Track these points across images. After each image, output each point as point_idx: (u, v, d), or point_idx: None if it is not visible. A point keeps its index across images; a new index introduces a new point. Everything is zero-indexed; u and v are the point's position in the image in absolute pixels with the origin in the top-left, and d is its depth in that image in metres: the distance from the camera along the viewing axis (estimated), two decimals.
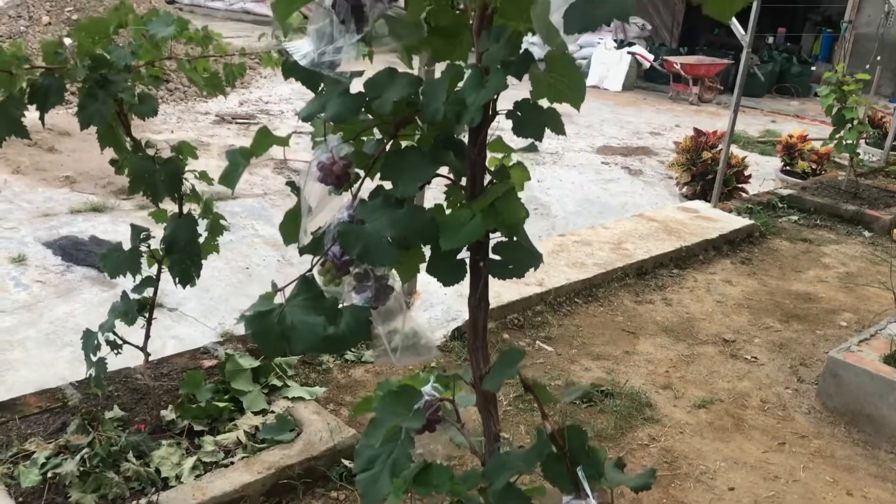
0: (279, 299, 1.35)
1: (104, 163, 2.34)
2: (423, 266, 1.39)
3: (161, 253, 2.44)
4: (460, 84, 1.28)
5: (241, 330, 4.06)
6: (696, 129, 5.95)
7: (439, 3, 1.40)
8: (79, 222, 5.17)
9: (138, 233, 2.42)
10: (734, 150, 8.50)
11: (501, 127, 1.37)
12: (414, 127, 1.42)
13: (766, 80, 11.74)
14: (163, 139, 8.02)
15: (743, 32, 4.52)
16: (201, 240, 2.48)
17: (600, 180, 7.22)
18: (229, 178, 1.50)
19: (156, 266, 2.47)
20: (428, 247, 1.34)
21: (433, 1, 1.40)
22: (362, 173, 1.42)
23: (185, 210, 2.47)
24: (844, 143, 5.21)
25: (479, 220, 1.28)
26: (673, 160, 6.05)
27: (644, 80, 12.00)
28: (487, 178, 1.46)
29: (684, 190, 5.90)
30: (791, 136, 6.61)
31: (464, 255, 1.35)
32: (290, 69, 1.45)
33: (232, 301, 4.34)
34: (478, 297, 1.38)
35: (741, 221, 4.74)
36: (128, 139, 2.37)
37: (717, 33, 13.02)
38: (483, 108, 1.23)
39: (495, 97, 1.25)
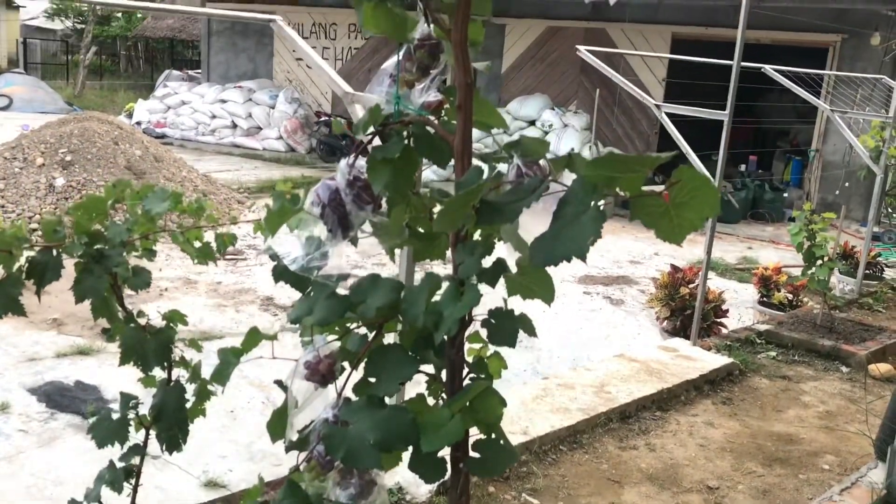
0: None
1: None
2: None
3: (149, 419, 2.48)
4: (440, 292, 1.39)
5: (225, 479, 4.04)
6: (672, 266, 6.12)
7: (419, 213, 1.52)
8: (64, 366, 5.18)
9: (127, 401, 2.47)
10: (713, 277, 8.68)
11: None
12: (396, 321, 1.51)
13: (740, 207, 12.09)
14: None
15: (712, 180, 4.74)
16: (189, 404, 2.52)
17: (583, 311, 7.33)
18: (220, 375, 1.58)
19: (143, 431, 2.50)
20: None
21: (413, 211, 1.53)
22: (347, 366, 1.50)
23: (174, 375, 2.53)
24: (817, 279, 5.38)
25: (458, 421, 1.35)
26: (652, 296, 6.19)
27: (621, 207, 12.34)
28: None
29: (664, 324, 6.01)
30: (766, 269, 6.79)
31: (445, 451, 1.42)
32: (281, 273, 1.56)
33: (217, 447, 4.31)
34: (458, 492, 1.43)
35: (720, 360, 4.83)
36: (120, 310, 2.45)
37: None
38: (460, 319, 1.33)
39: None
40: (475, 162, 1.44)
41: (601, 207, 1.13)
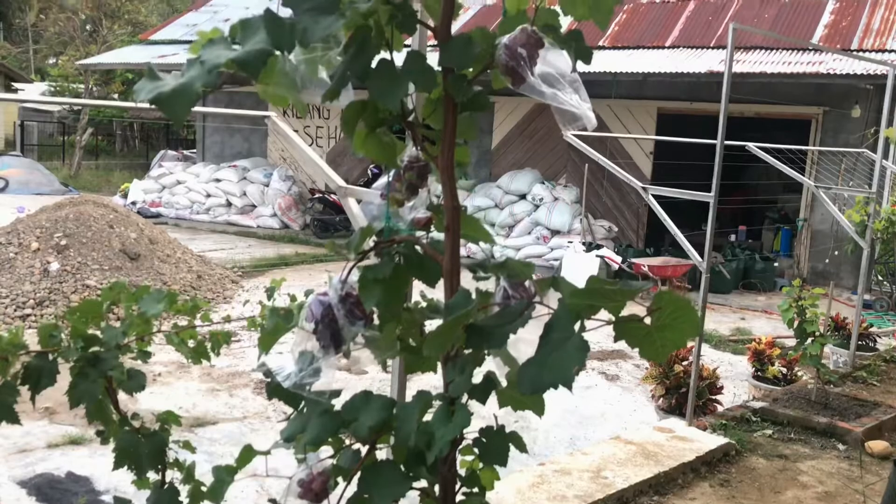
0: None
1: None
2: None
3: None
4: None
5: None
6: None
7: (410, 327, 1.56)
8: (56, 457, 5.13)
9: None
10: (706, 349, 8.68)
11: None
12: (389, 435, 1.53)
13: (731, 278, 12.17)
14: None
15: (700, 259, 4.81)
16: None
17: (578, 388, 7.29)
18: (215, 494, 1.59)
19: None
20: None
21: (404, 325, 1.56)
22: (341, 481, 1.52)
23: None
24: (809, 355, 5.40)
25: None
26: (647, 373, 6.19)
27: (614, 279, 12.40)
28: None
29: (660, 402, 5.99)
30: (759, 343, 6.81)
31: None
32: (274, 391, 1.58)
33: None
34: None
35: (717, 440, 4.81)
36: (115, 412, 2.46)
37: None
38: (451, 439, 1.35)
39: None
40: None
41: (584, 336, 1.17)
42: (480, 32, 1.38)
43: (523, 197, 13.92)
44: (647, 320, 1.22)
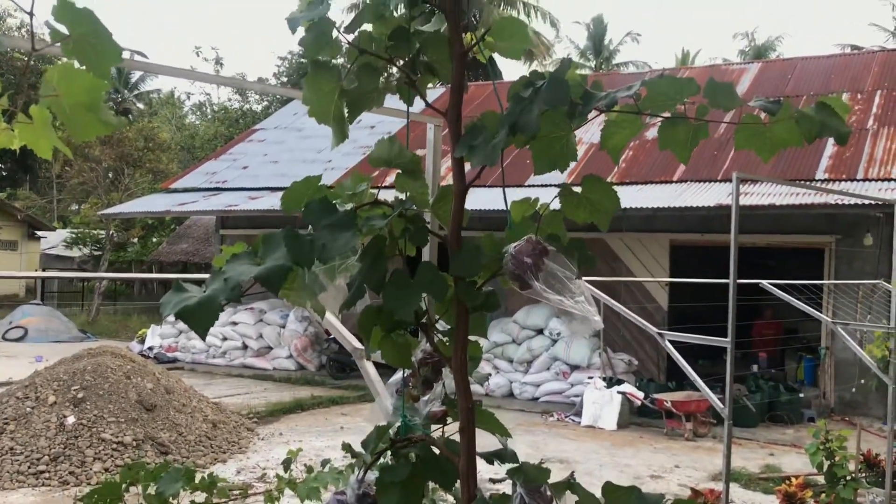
0: None
1: None
2: None
3: None
4: None
5: None
6: (693, 490, 5.97)
7: None
8: None
9: None
10: (736, 490, 8.39)
11: None
12: None
13: (757, 410, 11.88)
14: None
15: (721, 406, 4.74)
16: None
17: None
18: None
19: None
20: None
21: None
22: None
23: None
24: (842, 499, 5.22)
25: None
26: None
27: (638, 415, 12.16)
28: None
29: None
30: (789, 484, 6.58)
31: None
32: None
33: None
34: None
35: None
36: None
37: (700, 364, 13.49)
38: None
39: None
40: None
41: None
42: (489, 240, 1.44)
43: (540, 332, 13.89)
44: None
